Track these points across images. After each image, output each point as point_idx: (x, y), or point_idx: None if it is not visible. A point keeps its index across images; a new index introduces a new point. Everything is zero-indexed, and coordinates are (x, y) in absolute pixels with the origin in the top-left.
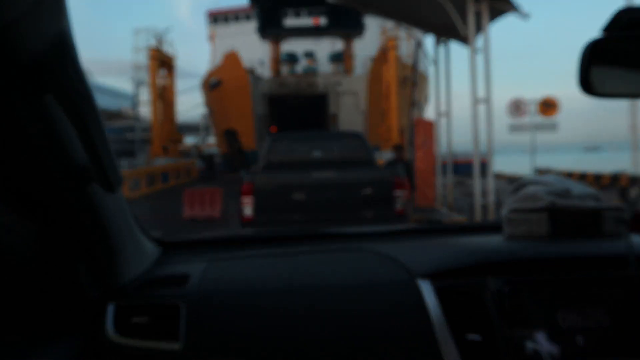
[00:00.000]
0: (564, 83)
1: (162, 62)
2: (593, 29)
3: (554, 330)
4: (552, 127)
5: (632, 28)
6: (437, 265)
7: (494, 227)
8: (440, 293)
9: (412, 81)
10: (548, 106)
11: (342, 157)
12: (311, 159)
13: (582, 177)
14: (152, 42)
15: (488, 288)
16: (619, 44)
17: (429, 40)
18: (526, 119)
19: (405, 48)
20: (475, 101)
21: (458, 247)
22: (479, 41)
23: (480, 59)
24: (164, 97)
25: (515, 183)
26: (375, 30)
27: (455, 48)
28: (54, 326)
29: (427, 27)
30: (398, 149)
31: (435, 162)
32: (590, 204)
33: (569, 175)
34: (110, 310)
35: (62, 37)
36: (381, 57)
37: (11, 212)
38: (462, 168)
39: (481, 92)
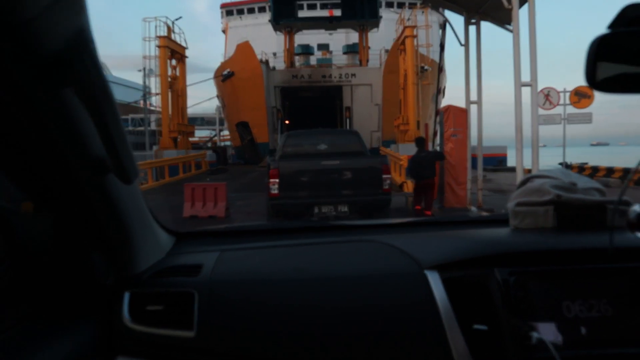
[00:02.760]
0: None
1: (172, 51)
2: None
3: (558, 320)
4: (587, 118)
5: (638, 24)
6: (444, 256)
7: (501, 220)
8: (447, 283)
9: (439, 65)
10: (582, 96)
11: (343, 149)
12: (318, 150)
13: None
14: (163, 33)
15: (494, 279)
16: (625, 40)
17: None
18: (556, 110)
19: (423, 37)
20: (519, 85)
21: (465, 239)
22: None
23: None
24: (175, 88)
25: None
26: (390, 23)
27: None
28: (71, 312)
29: (457, 5)
30: (420, 142)
31: (467, 155)
32: (595, 197)
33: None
34: (125, 298)
35: (81, 32)
36: (397, 48)
37: (30, 201)
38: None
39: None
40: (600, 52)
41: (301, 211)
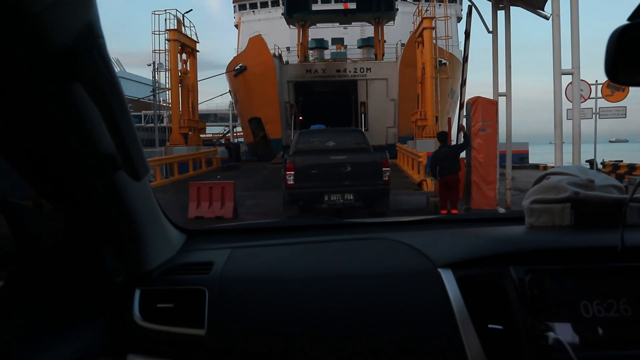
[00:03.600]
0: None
1: (182, 45)
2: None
3: (576, 320)
4: (621, 112)
5: None
6: (458, 254)
7: (516, 218)
8: (461, 282)
9: (464, 55)
10: (615, 89)
11: (348, 145)
12: (327, 147)
13: None
14: (173, 26)
15: (510, 277)
16: None
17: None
18: (587, 104)
19: (442, 29)
20: (559, 73)
21: (480, 236)
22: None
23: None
24: (185, 83)
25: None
26: (406, 17)
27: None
28: (82, 309)
29: None
30: (443, 136)
31: (497, 152)
32: (614, 195)
33: None
34: (136, 295)
35: (89, 26)
36: (415, 40)
37: (41, 198)
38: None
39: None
40: (621, 44)
41: (313, 199)
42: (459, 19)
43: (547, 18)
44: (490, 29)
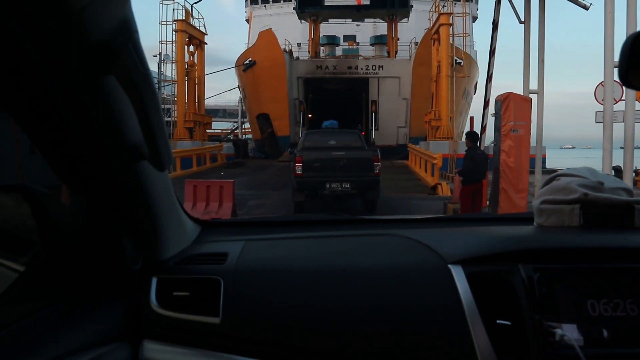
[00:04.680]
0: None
1: (190, 37)
2: None
3: (583, 318)
4: None
5: None
6: (468, 251)
7: (525, 218)
8: (471, 278)
9: (491, 48)
10: None
11: (347, 144)
12: (329, 145)
13: None
14: (181, 17)
15: (518, 275)
16: None
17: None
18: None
19: (460, 26)
20: (612, 66)
21: (489, 234)
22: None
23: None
24: (192, 76)
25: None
26: (420, 15)
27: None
28: (100, 295)
29: None
30: (475, 137)
31: (528, 156)
32: (623, 197)
33: None
34: (153, 283)
35: (125, 22)
36: (430, 37)
37: (65, 185)
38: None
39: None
40: (634, 50)
41: (316, 186)
42: (474, 19)
43: (586, 8)
44: (522, 19)
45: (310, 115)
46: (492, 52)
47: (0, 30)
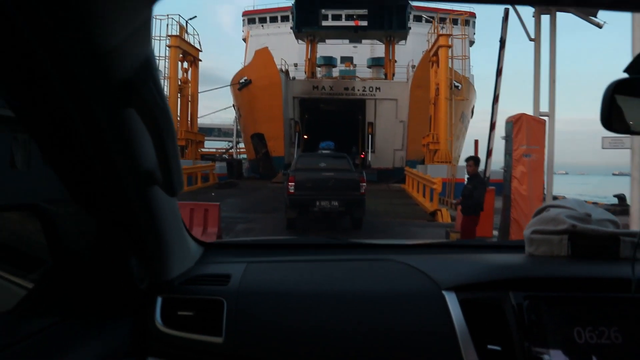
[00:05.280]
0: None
1: (184, 53)
2: None
3: (569, 345)
4: None
5: None
6: (462, 278)
7: (516, 246)
8: (464, 304)
9: (498, 67)
10: None
11: (336, 166)
12: (320, 167)
13: None
14: (175, 33)
15: (509, 302)
16: (639, 86)
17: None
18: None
19: (459, 48)
20: None
21: (482, 262)
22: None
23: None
24: (184, 93)
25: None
26: (418, 38)
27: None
28: (107, 313)
29: None
30: (474, 161)
31: (542, 183)
32: (609, 229)
33: None
34: (158, 302)
35: (148, 60)
36: (429, 60)
37: (77, 205)
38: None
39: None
40: (616, 95)
41: (308, 204)
42: (471, 43)
43: (600, 26)
44: (532, 36)
45: (306, 137)
46: (499, 72)
47: (32, 65)
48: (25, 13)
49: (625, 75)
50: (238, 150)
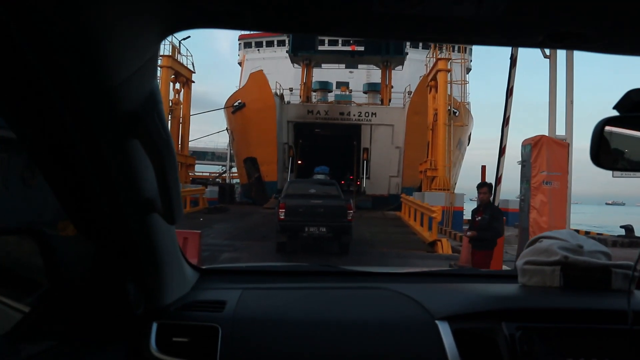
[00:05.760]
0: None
1: (176, 74)
2: None
3: None
4: None
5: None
6: (455, 308)
7: (510, 276)
8: (457, 334)
9: (508, 87)
10: None
11: (325, 193)
12: (309, 193)
13: None
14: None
15: (502, 332)
16: (628, 123)
17: None
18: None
19: (458, 73)
20: None
21: (476, 292)
22: None
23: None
24: (176, 114)
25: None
26: (415, 64)
27: None
28: (103, 338)
29: None
30: (489, 188)
31: (565, 214)
32: (601, 261)
33: None
34: (153, 328)
35: (153, 93)
36: (427, 84)
37: (76, 230)
38: (511, 218)
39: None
40: (605, 133)
41: (297, 229)
42: (468, 70)
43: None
44: (547, 53)
45: (300, 162)
46: (509, 92)
47: (41, 97)
48: (40, 52)
49: (615, 112)
50: (232, 174)
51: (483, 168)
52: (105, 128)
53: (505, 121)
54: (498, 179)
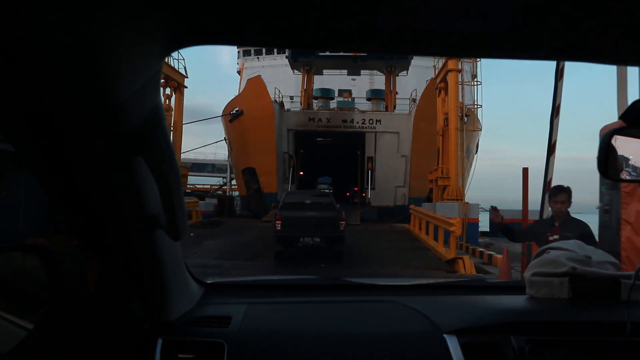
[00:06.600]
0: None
1: (167, 78)
2: None
3: None
4: None
5: None
6: (463, 321)
7: (517, 287)
8: (465, 348)
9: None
10: None
11: (320, 204)
12: (305, 204)
13: None
14: None
15: (511, 346)
16: (635, 133)
17: None
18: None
19: (466, 75)
20: None
21: (484, 305)
22: None
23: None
24: (167, 122)
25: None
26: (419, 71)
27: None
28: (107, 354)
29: None
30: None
31: None
32: (610, 271)
33: None
34: (158, 344)
35: (156, 110)
36: (436, 87)
37: (79, 246)
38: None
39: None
40: (612, 144)
41: (292, 240)
42: (474, 77)
43: None
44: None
45: (302, 173)
46: (559, 74)
47: (43, 115)
48: (42, 70)
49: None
50: (232, 187)
51: (525, 171)
52: (109, 145)
53: (555, 111)
54: (547, 184)
